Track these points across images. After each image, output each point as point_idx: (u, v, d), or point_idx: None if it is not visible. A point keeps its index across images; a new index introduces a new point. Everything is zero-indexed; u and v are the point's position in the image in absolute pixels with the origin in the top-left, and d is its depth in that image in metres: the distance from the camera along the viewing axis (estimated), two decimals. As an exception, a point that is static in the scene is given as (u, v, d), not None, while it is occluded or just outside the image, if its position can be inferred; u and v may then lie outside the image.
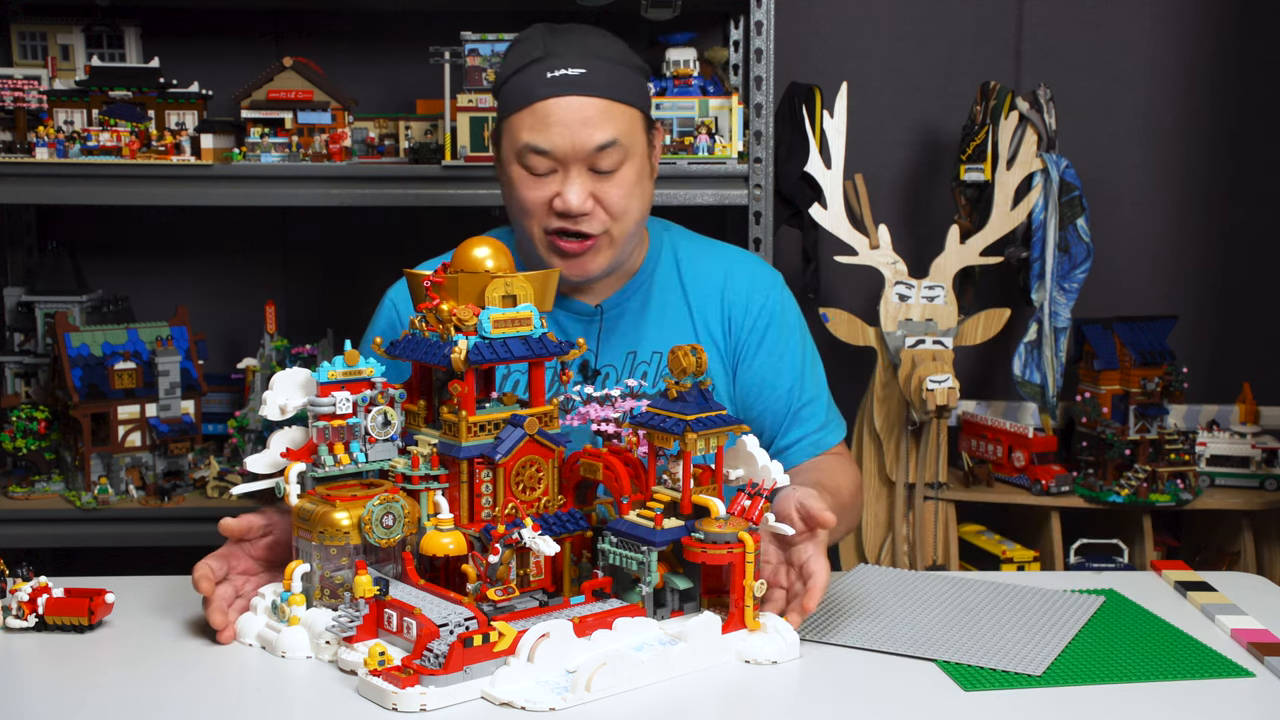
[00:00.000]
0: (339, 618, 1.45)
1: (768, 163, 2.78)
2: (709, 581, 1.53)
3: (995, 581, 1.79)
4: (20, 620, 1.57)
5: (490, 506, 1.50)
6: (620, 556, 1.49)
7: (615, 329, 1.97)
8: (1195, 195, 3.31)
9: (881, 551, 2.95)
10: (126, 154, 2.74)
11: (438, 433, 1.53)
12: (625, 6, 2.77)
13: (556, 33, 1.86)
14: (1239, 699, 1.43)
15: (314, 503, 1.49)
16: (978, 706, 1.39)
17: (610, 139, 1.82)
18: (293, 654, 1.47)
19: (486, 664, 1.36)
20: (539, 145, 1.81)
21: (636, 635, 1.44)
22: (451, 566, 1.50)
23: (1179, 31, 3.26)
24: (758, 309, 1.99)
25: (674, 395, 1.51)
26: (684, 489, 1.50)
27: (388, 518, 1.47)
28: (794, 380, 2.00)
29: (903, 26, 3.24)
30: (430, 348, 1.52)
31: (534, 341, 1.54)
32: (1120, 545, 2.92)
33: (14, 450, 2.86)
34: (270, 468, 1.55)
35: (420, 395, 1.59)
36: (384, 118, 2.94)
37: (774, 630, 1.48)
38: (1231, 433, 3.04)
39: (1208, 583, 1.77)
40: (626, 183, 1.85)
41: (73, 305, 2.97)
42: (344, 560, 1.48)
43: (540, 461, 1.53)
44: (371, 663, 1.36)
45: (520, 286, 1.55)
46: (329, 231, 3.19)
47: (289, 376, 1.55)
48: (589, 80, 1.81)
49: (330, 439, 1.52)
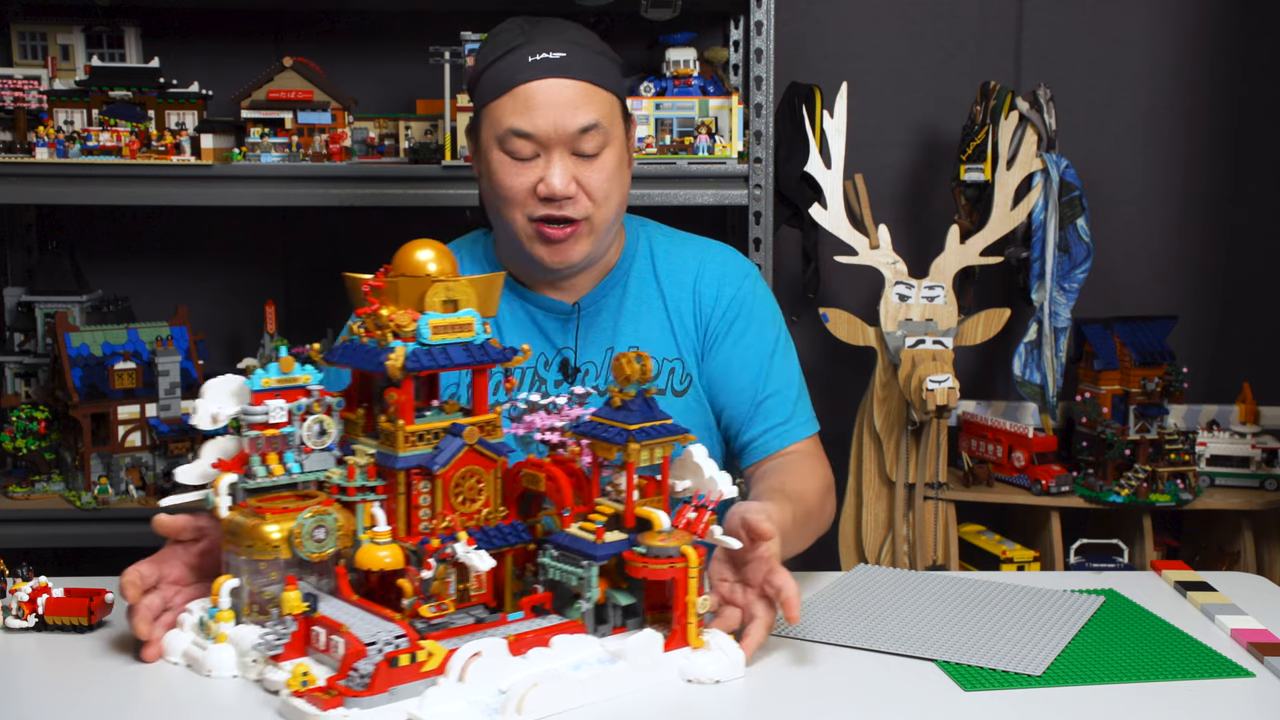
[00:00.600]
0: (266, 635, 1.37)
1: (768, 163, 2.78)
2: (653, 597, 1.47)
3: (995, 581, 1.78)
4: (20, 620, 1.57)
5: (429, 519, 1.44)
6: (561, 571, 1.43)
7: (594, 326, 1.96)
8: (1195, 195, 3.31)
9: (881, 551, 2.95)
10: (126, 154, 2.74)
11: (376, 442, 1.47)
12: (625, 6, 2.77)
13: (535, 22, 1.88)
14: (1238, 699, 1.43)
15: (244, 515, 1.43)
16: (978, 707, 1.39)
17: (593, 121, 1.82)
18: (219, 673, 1.40)
19: (414, 685, 1.30)
20: (522, 128, 1.81)
21: (575, 653, 1.39)
22: (389, 581, 1.43)
23: (1179, 31, 3.26)
24: (728, 299, 1.97)
25: (618, 404, 1.46)
26: (627, 501, 1.45)
27: (319, 531, 1.41)
28: (759, 371, 1.96)
29: (903, 26, 3.24)
30: (367, 354, 1.46)
31: (475, 348, 1.48)
32: (1120, 545, 2.92)
33: (14, 450, 2.86)
34: (201, 479, 1.49)
35: (360, 403, 1.53)
36: (384, 118, 2.94)
37: (718, 648, 1.43)
38: (1231, 433, 3.04)
39: (1208, 583, 1.77)
40: (608, 167, 1.85)
41: (73, 305, 2.97)
42: (274, 575, 1.42)
43: (481, 472, 1.47)
44: (294, 683, 1.30)
45: (462, 291, 1.49)
46: (329, 231, 3.19)
47: (221, 384, 1.49)
48: (570, 63, 1.82)
49: (263, 449, 1.45)
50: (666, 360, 1.95)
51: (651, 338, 1.95)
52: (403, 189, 2.78)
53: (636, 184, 2.74)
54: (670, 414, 1.91)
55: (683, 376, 1.95)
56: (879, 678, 1.46)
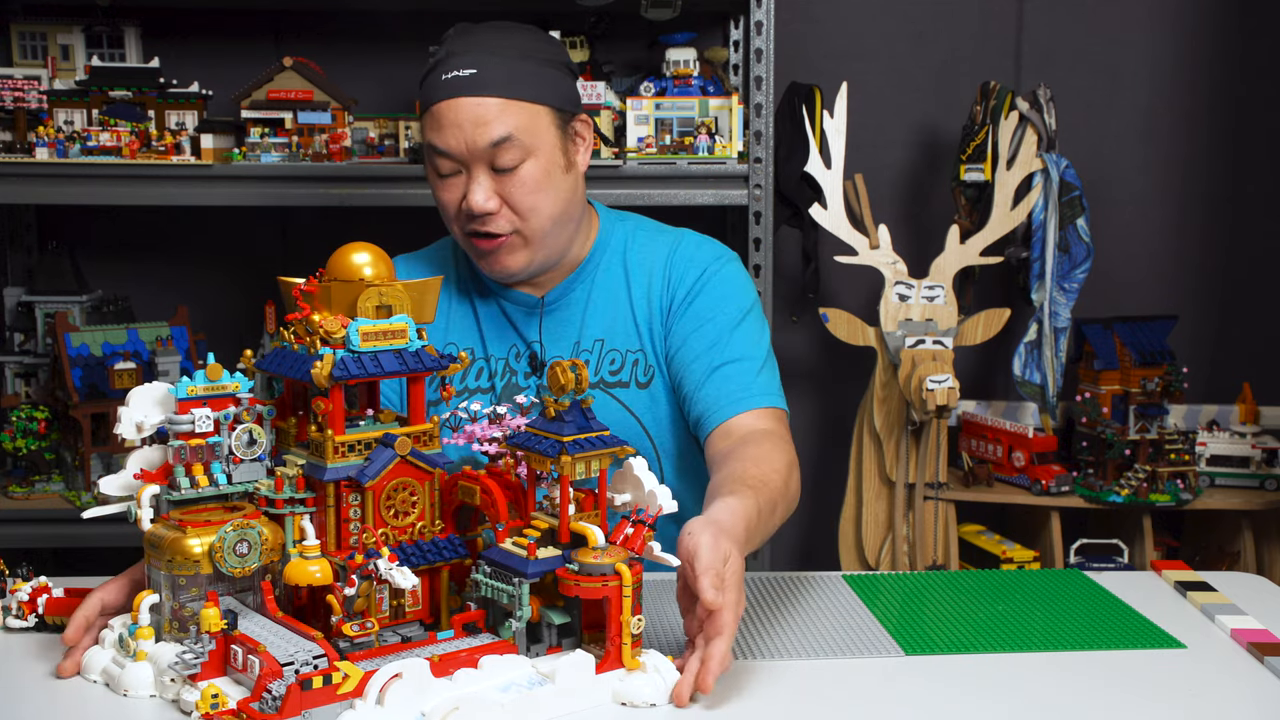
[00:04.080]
0: (183, 654, 1.33)
1: (768, 163, 2.78)
2: (591, 616, 1.40)
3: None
4: (20, 620, 1.57)
5: (359, 533, 1.40)
6: (493, 588, 1.38)
7: (560, 320, 1.97)
8: (1195, 195, 3.31)
9: (881, 551, 2.95)
10: (126, 154, 2.74)
11: (307, 453, 1.41)
12: (625, 6, 2.77)
13: (465, 32, 1.88)
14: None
15: (166, 528, 1.37)
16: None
17: (503, 135, 1.81)
18: (135, 692, 1.36)
19: (330, 708, 1.24)
20: (438, 146, 1.84)
21: (504, 674, 1.32)
22: (319, 598, 1.38)
23: (1179, 31, 3.26)
24: (693, 277, 1.94)
25: (552, 415, 1.40)
26: (561, 516, 1.39)
27: (242, 545, 1.35)
28: (717, 338, 1.89)
29: (903, 26, 3.24)
30: (297, 361, 1.41)
31: (408, 355, 1.42)
32: (1120, 545, 2.92)
33: (14, 450, 2.86)
34: (123, 490, 1.44)
35: (292, 412, 1.47)
36: (384, 118, 2.94)
37: (654, 670, 1.36)
38: (1231, 433, 3.04)
39: (1208, 583, 1.77)
40: (530, 179, 1.84)
41: (73, 305, 2.97)
42: (195, 591, 1.36)
43: (414, 485, 1.42)
44: (203, 705, 1.25)
45: (396, 296, 1.43)
46: (329, 231, 3.18)
47: (146, 392, 1.44)
48: (480, 80, 1.82)
49: (188, 459, 1.40)
50: (630, 352, 1.95)
51: (615, 330, 1.95)
52: (403, 189, 2.78)
53: (636, 184, 2.76)
54: (635, 406, 1.92)
55: (645, 368, 1.94)
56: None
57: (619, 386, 1.94)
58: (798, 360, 3.29)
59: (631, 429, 1.93)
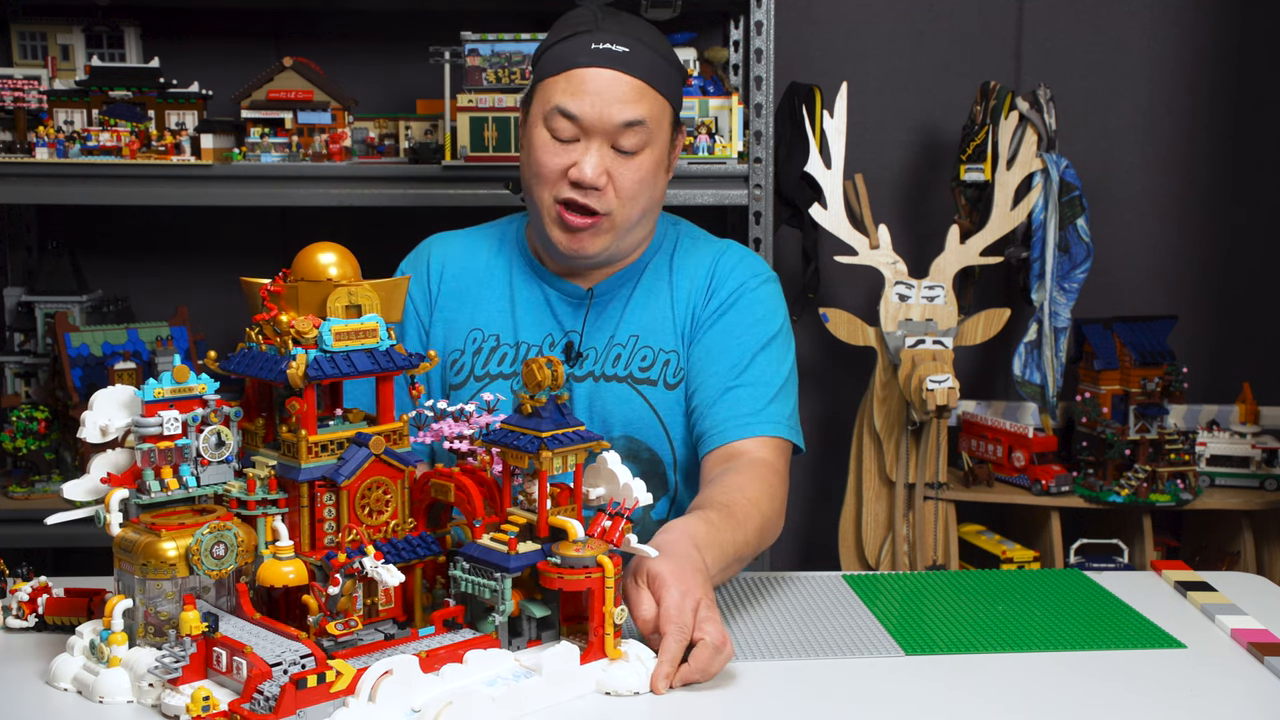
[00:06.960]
0: (163, 658, 1.31)
1: (768, 163, 2.78)
2: (569, 608, 1.42)
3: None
4: (20, 620, 1.57)
5: (334, 532, 1.39)
6: (472, 584, 1.39)
7: (603, 313, 1.97)
8: (1195, 195, 3.31)
9: (882, 552, 2.95)
10: (126, 154, 2.75)
11: (277, 453, 1.41)
12: (625, 7, 2.77)
13: (608, 13, 1.90)
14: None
15: (137, 532, 1.36)
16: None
17: (638, 118, 1.83)
18: (112, 698, 1.34)
19: (323, 706, 1.25)
20: (568, 109, 1.83)
21: (489, 669, 1.34)
22: (293, 598, 1.38)
23: (1179, 31, 3.26)
24: (733, 287, 1.95)
25: (529, 411, 1.41)
26: (540, 510, 1.41)
27: (219, 547, 1.34)
28: (737, 360, 1.90)
29: (903, 26, 3.25)
30: (267, 362, 1.40)
31: (380, 354, 1.43)
32: (1120, 545, 2.92)
33: (14, 450, 2.86)
34: (90, 495, 1.41)
35: (259, 413, 1.46)
36: (384, 118, 2.94)
37: (636, 659, 1.38)
38: (1231, 433, 3.04)
39: (1208, 583, 1.77)
40: (644, 167, 1.86)
41: (73, 305, 2.97)
42: (170, 594, 1.35)
43: (388, 483, 1.43)
44: (194, 708, 1.24)
45: (365, 296, 1.43)
46: (329, 231, 3.17)
47: (111, 395, 1.42)
48: (631, 59, 1.84)
49: (157, 462, 1.38)
50: (663, 352, 1.95)
51: (653, 329, 1.95)
52: (403, 189, 2.78)
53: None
54: (660, 406, 1.92)
55: (676, 370, 1.95)
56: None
57: (646, 384, 1.94)
58: (798, 360, 3.28)
59: (652, 426, 1.93)
